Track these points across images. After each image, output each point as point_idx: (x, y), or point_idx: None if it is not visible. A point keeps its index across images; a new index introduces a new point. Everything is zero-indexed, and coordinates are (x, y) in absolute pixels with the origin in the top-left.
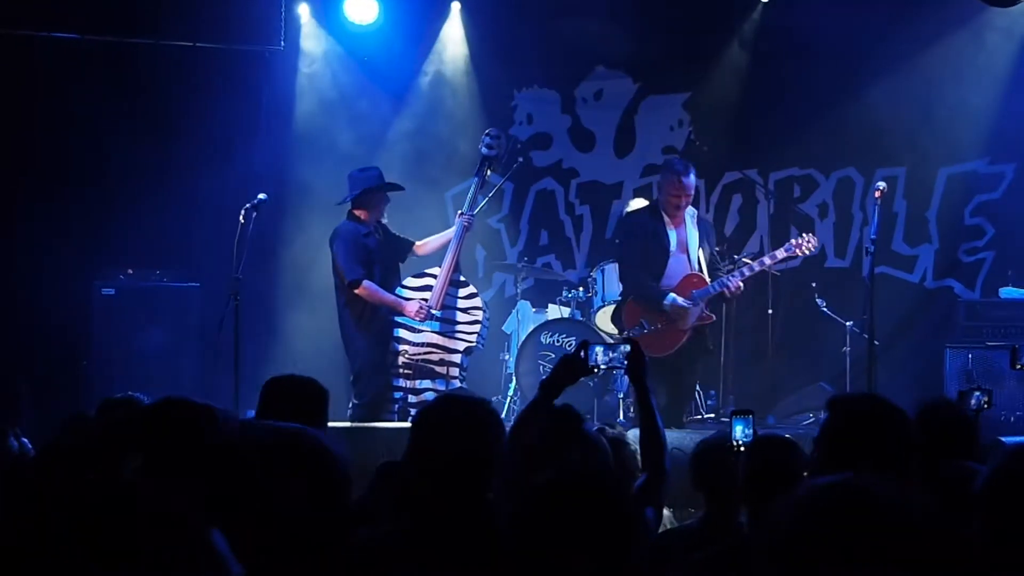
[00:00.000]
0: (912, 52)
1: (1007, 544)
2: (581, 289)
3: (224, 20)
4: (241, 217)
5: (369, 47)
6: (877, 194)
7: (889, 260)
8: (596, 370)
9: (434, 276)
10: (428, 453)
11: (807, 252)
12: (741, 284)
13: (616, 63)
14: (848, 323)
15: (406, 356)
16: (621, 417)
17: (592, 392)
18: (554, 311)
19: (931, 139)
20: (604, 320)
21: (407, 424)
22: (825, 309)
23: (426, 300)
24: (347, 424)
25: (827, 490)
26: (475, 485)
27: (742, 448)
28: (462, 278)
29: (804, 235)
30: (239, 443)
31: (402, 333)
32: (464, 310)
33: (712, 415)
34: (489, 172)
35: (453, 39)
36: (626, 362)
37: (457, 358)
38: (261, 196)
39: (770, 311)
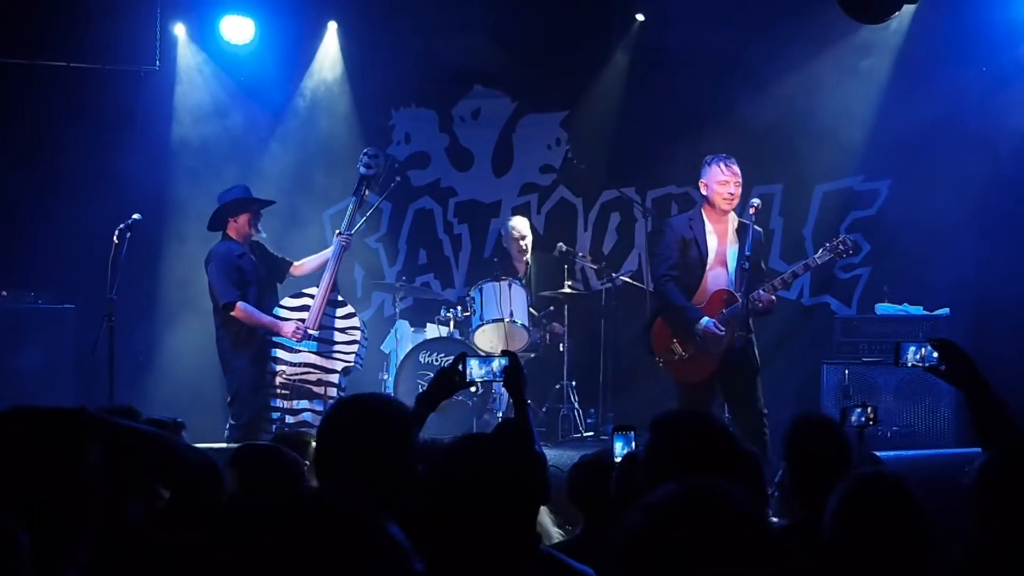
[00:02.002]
0: (787, 70)
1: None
2: (460, 308)
3: (99, 40)
4: (115, 238)
5: (246, 67)
6: (752, 211)
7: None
8: (473, 385)
9: (312, 296)
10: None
11: (844, 253)
12: (773, 297)
13: (494, 82)
14: None
15: (283, 376)
16: None
17: (471, 411)
18: (433, 330)
19: (807, 156)
20: (482, 339)
21: None
22: None
23: (303, 320)
24: (223, 445)
25: (673, 494)
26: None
27: None
28: (340, 298)
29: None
30: None
31: (279, 353)
32: (342, 330)
33: (591, 433)
34: (367, 191)
35: (330, 58)
36: (503, 375)
37: (335, 378)
38: (136, 216)
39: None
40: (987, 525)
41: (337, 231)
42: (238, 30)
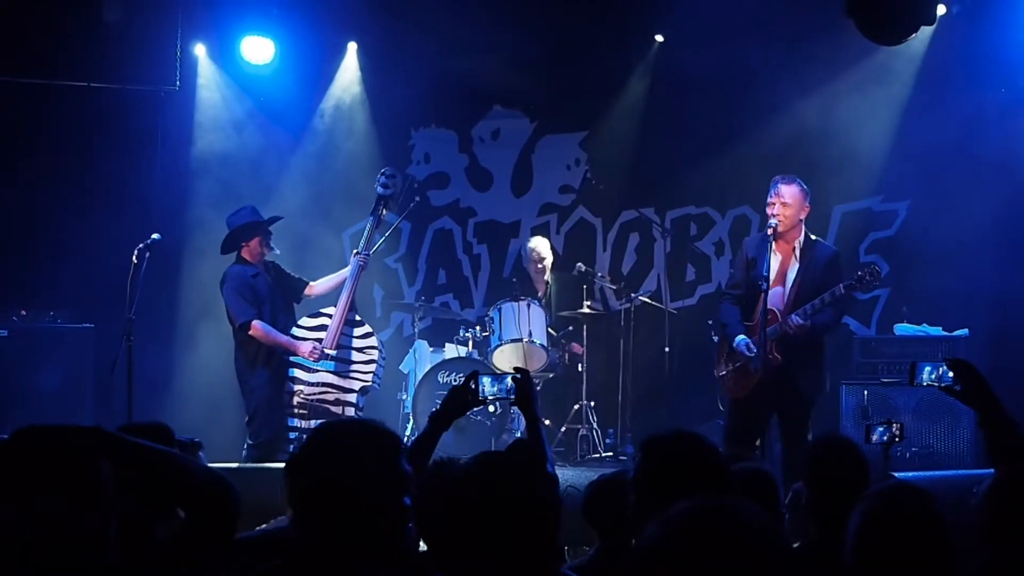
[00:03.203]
0: (806, 91)
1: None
2: (479, 328)
3: (119, 60)
4: (134, 257)
5: (266, 87)
6: (770, 231)
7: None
8: (486, 402)
9: (329, 316)
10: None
11: (871, 285)
12: (801, 321)
13: (513, 102)
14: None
15: (301, 396)
16: None
17: (490, 431)
18: (451, 350)
19: (826, 177)
20: (501, 359)
21: None
22: None
23: (320, 340)
24: (239, 465)
25: (690, 509)
26: None
27: None
28: (358, 317)
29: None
30: None
31: (297, 373)
32: (359, 349)
33: (610, 453)
34: (385, 211)
35: (350, 78)
36: (513, 392)
37: (352, 398)
38: (155, 236)
39: (667, 349)
40: (994, 546)
41: (355, 251)
42: (258, 51)
